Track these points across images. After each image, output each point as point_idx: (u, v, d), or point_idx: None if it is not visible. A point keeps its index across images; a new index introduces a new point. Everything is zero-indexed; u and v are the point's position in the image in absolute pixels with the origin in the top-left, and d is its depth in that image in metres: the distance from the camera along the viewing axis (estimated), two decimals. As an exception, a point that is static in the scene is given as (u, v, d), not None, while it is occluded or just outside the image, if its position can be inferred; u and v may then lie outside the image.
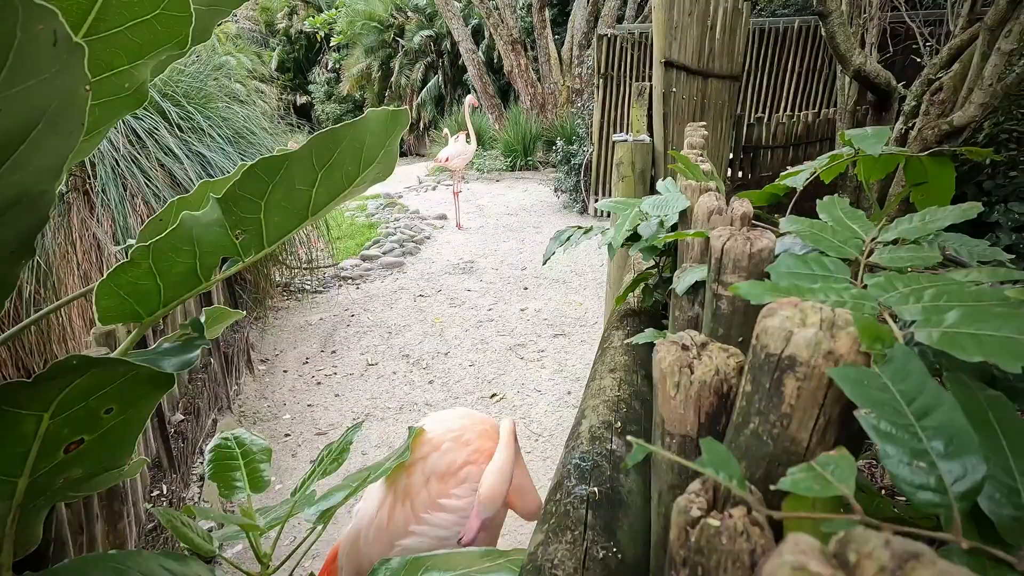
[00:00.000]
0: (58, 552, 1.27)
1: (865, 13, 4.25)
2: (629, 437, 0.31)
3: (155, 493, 2.36)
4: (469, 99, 7.03)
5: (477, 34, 12.71)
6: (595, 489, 0.76)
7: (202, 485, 2.74)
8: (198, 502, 2.67)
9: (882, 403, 0.31)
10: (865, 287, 0.47)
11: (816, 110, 6.39)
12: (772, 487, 0.30)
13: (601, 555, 0.68)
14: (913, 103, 3.46)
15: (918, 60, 4.39)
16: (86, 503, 1.53)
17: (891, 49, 4.73)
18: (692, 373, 0.52)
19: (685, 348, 0.55)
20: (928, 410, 0.31)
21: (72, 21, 0.47)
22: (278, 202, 0.73)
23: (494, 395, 3.54)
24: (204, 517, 1.00)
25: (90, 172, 3.48)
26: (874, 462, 1.65)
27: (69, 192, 3.66)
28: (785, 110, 6.89)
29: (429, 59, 14.42)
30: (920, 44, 4.25)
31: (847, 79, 4.55)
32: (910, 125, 3.45)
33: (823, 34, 3.50)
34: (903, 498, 0.37)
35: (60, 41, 0.33)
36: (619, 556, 0.69)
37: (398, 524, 1.30)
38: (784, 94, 6.98)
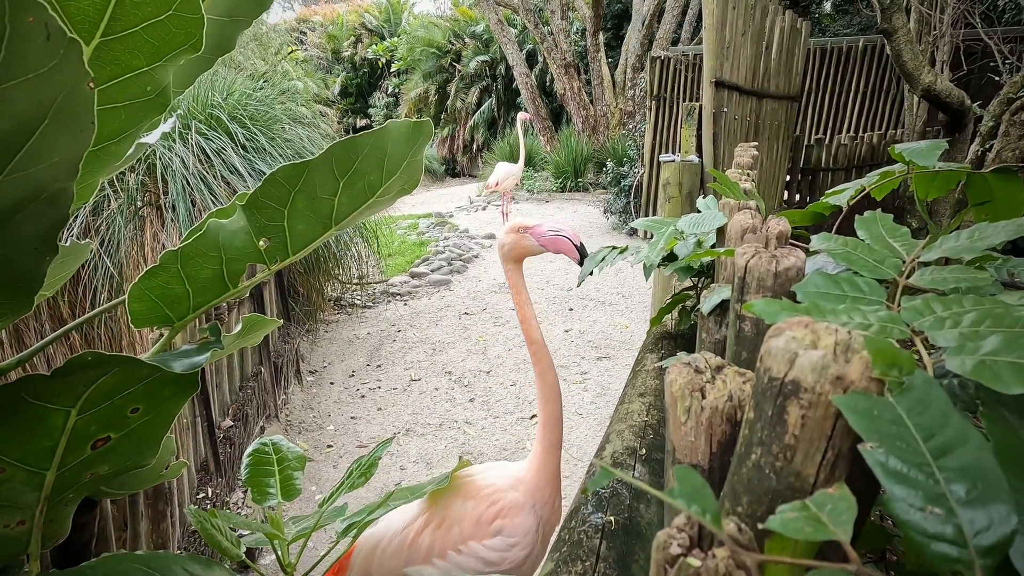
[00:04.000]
0: (101, 546, 1.32)
1: (935, 30, 4.04)
2: (594, 459, 0.29)
3: (200, 495, 2.45)
4: (521, 115, 7.12)
5: (531, 58, 12.95)
6: (611, 518, 0.72)
7: (247, 490, 2.82)
8: (242, 506, 2.75)
9: (893, 437, 0.27)
10: (899, 310, 0.43)
11: (882, 131, 6.09)
12: (760, 526, 0.27)
13: (612, 590, 0.64)
14: (991, 123, 3.25)
15: (996, 78, 4.12)
16: (131, 501, 1.59)
17: (965, 67, 4.46)
18: (704, 398, 0.49)
19: (698, 371, 0.51)
20: (949, 448, 0.26)
21: (89, 20, 0.50)
22: (301, 210, 0.74)
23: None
24: (231, 523, 1.01)
25: (162, 189, 3.72)
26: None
27: (144, 207, 3.94)
28: (848, 131, 6.61)
29: (484, 83, 14.79)
30: (999, 61, 3.99)
31: (916, 98, 4.33)
32: (988, 146, 3.23)
33: (889, 53, 3.35)
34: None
35: (53, 35, 0.35)
36: (632, 592, 0.65)
37: (419, 548, 1.29)
38: (847, 115, 6.71)
